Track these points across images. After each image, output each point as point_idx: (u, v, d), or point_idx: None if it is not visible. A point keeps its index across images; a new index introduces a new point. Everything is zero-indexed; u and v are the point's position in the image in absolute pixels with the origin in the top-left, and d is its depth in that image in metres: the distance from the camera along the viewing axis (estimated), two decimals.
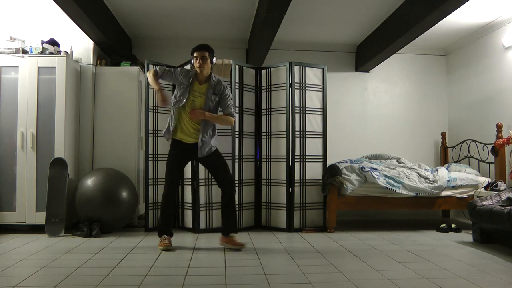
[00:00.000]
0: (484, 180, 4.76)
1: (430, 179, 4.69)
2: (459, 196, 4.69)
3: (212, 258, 3.35)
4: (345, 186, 4.45)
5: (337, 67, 6.01)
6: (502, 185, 4.41)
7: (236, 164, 4.57)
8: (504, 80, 5.00)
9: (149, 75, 3.79)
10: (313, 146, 4.70)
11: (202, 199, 4.47)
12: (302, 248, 3.75)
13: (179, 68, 3.86)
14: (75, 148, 4.72)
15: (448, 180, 4.67)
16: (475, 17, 4.99)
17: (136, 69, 4.91)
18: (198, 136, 3.65)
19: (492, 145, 4.78)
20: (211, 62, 3.70)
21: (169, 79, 3.86)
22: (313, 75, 4.75)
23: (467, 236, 4.28)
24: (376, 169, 4.66)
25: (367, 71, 6.09)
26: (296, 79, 4.66)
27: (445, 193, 4.66)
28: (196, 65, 3.66)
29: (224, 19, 5.12)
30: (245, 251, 3.59)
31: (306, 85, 4.71)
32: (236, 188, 4.56)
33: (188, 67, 4.62)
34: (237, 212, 4.54)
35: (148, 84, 4.59)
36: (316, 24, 5.26)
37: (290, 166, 4.58)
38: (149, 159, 4.60)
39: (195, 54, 3.67)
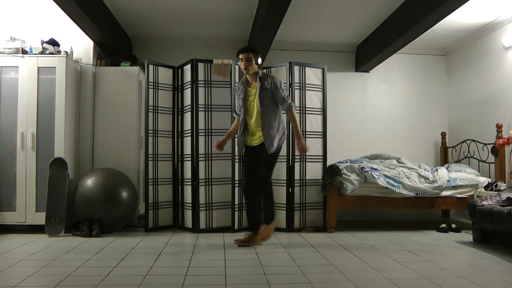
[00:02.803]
0: (484, 180, 4.76)
1: (430, 179, 4.69)
2: (459, 196, 4.69)
3: (212, 258, 3.34)
4: (345, 186, 4.45)
5: (337, 67, 6.01)
6: (502, 185, 4.41)
7: (236, 164, 4.57)
8: (504, 80, 5.00)
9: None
10: (313, 146, 4.69)
11: (202, 199, 4.48)
12: (302, 248, 3.75)
13: (236, 88, 4.06)
14: (75, 148, 4.73)
15: (448, 180, 4.67)
16: (475, 17, 4.99)
17: (136, 69, 4.91)
18: (261, 137, 3.78)
19: (492, 145, 4.78)
20: (256, 62, 3.81)
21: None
22: (313, 75, 4.75)
23: (467, 236, 4.28)
24: (376, 169, 4.66)
25: (367, 71, 6.09)
26: (296, 79, 4.66)
27: (445, 193, 4.66)
28: (242, 67, 3.81)
29: (224, 19, 5.12)
30: (245, 251, 3.59)
31: (306, 85, 4.71)
32: (236, 188, 4.56)
33: (188, 67, 4.63)
34: (237, 212, 4.55)
35: (148, 84, 4.60)
36: (316, 24, 5.26)
37: (290, 166, 4.58)
38: (149, 159, 4.60)
39: (240, 57, 3.81)
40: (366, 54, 5.72)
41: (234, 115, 4.12)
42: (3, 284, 2.57)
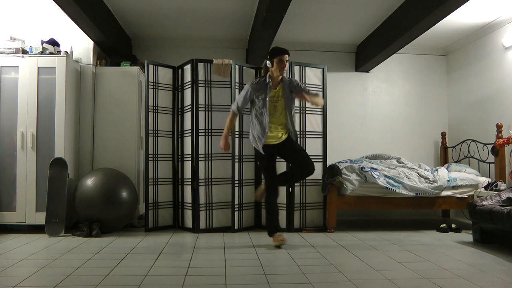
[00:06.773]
0: (484, 180, 4.76)
1: (430, 179, 4.69)
2: (459, 196, 4.69)
3: (212, 258, 3.35)
4: (345, 186, 4.45)
5: (337, 67, 6.01)
6: (502, 185, 4.41)
7: (236, 164, 4.57)
8: (504, 80, 5.00)
9: (229, 121, 3.83)
10: (313, 146, 4.70)
11: (202, 199, 4.48)
12: (302, 248, 3.75)
13: (249, 86, 3.80)
14: (75, 148, 4.73)
15: (448, 180, 4.67)
16: (475, 17, 4.99)
17: (136, 69, 4.91)
18: (283, 135, 3.80)
19: (492, 145, 4.78)
20: None
21: (247, 103, 3.85)
22: (313, 75, 4.75)
23: (467, 236, 4.28)
24: (376, 169, 4.66)
25: (367, 71, 6.09)
26: (296, 79, 4.65)
27: (445, 193, 4.65)
28: (279, 68, 3.69)
29: (224, 19, 5.12)
30: (245, 251, 3.60)
31: (306, 85, 4.70)
32: (236, 188, 4.56)
33: (188, 67, 4.63)
34: (237, 212, 4.55)
35: (148, 84, 4.60)
36: (316, 24, 5.26)
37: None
38: (149, 159, 4.60)
39: (279, 58, 3.69)
40: (366, 54, 5.72)
41: (235, 110, 3.84)
42: (3, 284, 2.57)
